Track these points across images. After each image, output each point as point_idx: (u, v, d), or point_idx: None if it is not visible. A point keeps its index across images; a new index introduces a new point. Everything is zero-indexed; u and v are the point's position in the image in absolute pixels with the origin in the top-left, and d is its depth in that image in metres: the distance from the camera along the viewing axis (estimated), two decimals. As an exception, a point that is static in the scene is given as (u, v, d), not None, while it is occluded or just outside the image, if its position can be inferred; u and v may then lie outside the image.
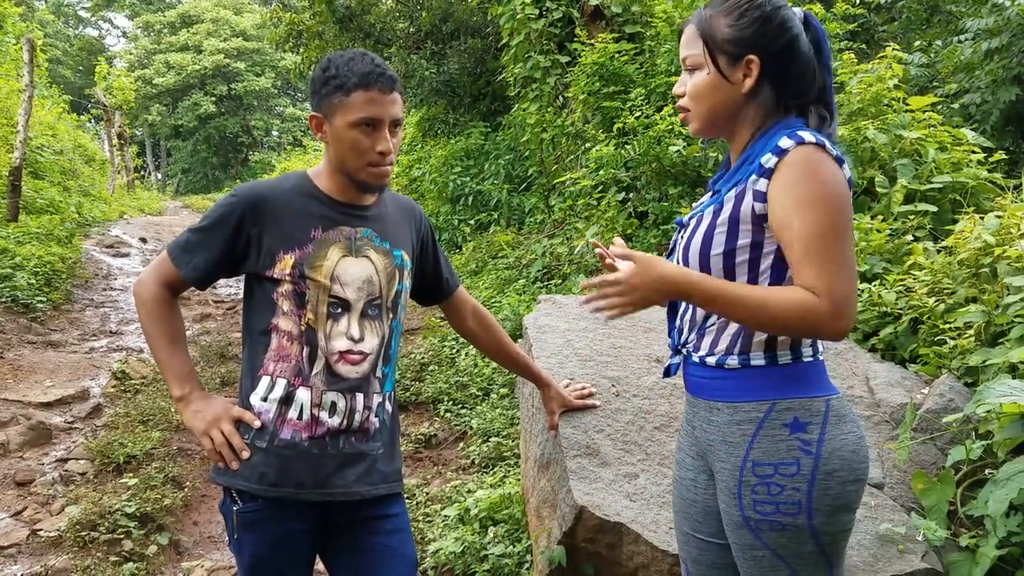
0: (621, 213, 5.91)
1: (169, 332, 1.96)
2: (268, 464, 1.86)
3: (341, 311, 1.90)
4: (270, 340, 1.91)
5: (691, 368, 1.73)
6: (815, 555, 1.58)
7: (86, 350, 6.74)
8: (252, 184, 1.98)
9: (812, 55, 1.63)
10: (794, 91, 1.64)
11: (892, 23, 8.85)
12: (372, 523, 1.97)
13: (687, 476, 1.80)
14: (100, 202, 14.88)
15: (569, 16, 8.15)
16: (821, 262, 1.46)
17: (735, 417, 1.61)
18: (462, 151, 10.64)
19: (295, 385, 1.88)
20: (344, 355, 1.90)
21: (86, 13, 41.18)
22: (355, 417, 1.91)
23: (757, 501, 1.57)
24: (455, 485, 3.97)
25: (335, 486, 1.89)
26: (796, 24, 1.62)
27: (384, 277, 1.96)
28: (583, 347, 2.98)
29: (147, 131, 36.25)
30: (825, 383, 1.61)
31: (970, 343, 2.94)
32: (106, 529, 3.63)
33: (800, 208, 1.49)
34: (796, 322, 1.47)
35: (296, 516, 1.89)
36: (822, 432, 1.55)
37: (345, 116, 1.84)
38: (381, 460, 1.98)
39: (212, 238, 1.91)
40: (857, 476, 1.57)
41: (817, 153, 1.52)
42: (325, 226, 1.92)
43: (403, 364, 5.74)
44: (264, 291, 1.91)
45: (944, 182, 4.11)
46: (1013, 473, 2.15)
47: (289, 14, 13.34)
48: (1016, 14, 6.12)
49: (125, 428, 4.77)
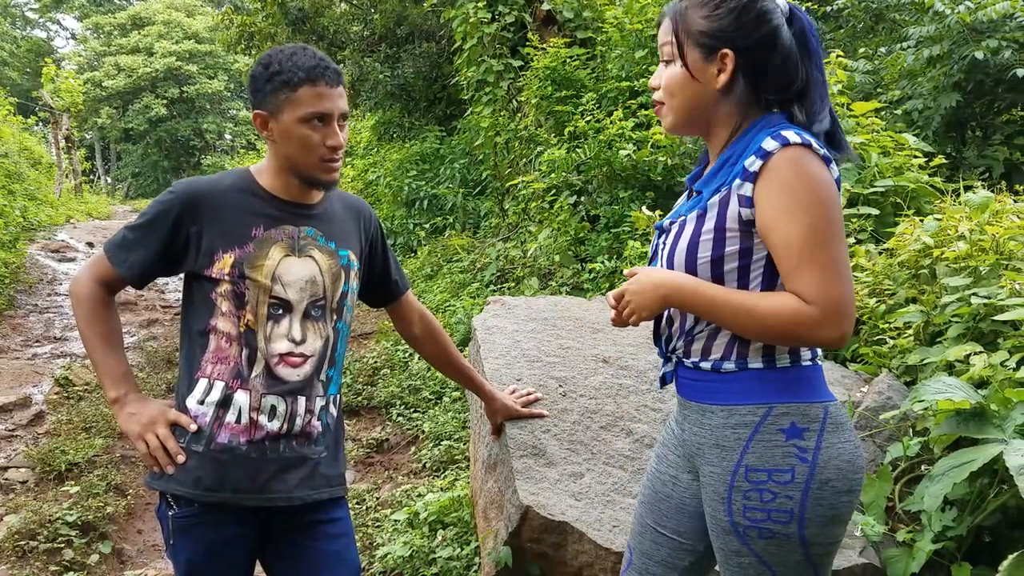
0: (573, 216, 5.94)
1: (105, 332, 1.91)
2: (204, 468, 1.82)
3: (282, 312, 1.87)
4: (208, 341, 1.86)
5: (684, 371, 1.67)
6: (802, 564, 1.53)
7: (29, 356, 6.57)
8: (191, 180, 1.93)
9: (794, 49, 1.55)
10: (773, 86, 1.56)
11: (839, 31, 9.02)
12: (314, 528, 1.94)
13: (667, 472, 1.76)
14: (46, 206, 14.55)
15: (521, 21, 8.18)
16: (811, 267, 1.42)
17: (730, 420, 1.55)
18: (417, 155, 10.61)
19: (233, 388, 1.84)
20: (284, 357, 1.86)
21: (34, 14, 40.25)
22: (296, 421, 1.87)
23: (748, 507, 1.51)
24: (406, 489, 3.95)
25: (275, 491, 1.85)
26: (777, 16, 1.54)
27: (329, 277, 1.93)
28: (531, 348, 2.99)
29: (96, 134, 35.54)
30: (823, 388, 1.56)
31: (909, 342, 3.01)
32: (46, 538, 3.54)
33: (788, 213, 1.44)
34: (786, 330, 1.44)
35: (234, 521, 1.85)
36: (819, 439, 1.50)
37: (293, 112, 1.80)
38: (324, 464, 1.94)
39: (149, 236, 1.87)
40: (851, 487, 1.52)
41: (803, 154, 1.46)
42: (267, 225, 1.88)
43: (355, 368, 5.70)
44: (203, 291, 1.87)
45: (886, 186, 4.20)
46: (948, 468, 2.19)
47: (241, 16, 13.21)
48: (956, 22, 6.27)
49: (67, 435, 4.67)
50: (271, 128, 1.85)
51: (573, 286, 5.54)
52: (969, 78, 6.51)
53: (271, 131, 1.86)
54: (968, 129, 7.04)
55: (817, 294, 1.42)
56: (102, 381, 1.90)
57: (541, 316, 3.31)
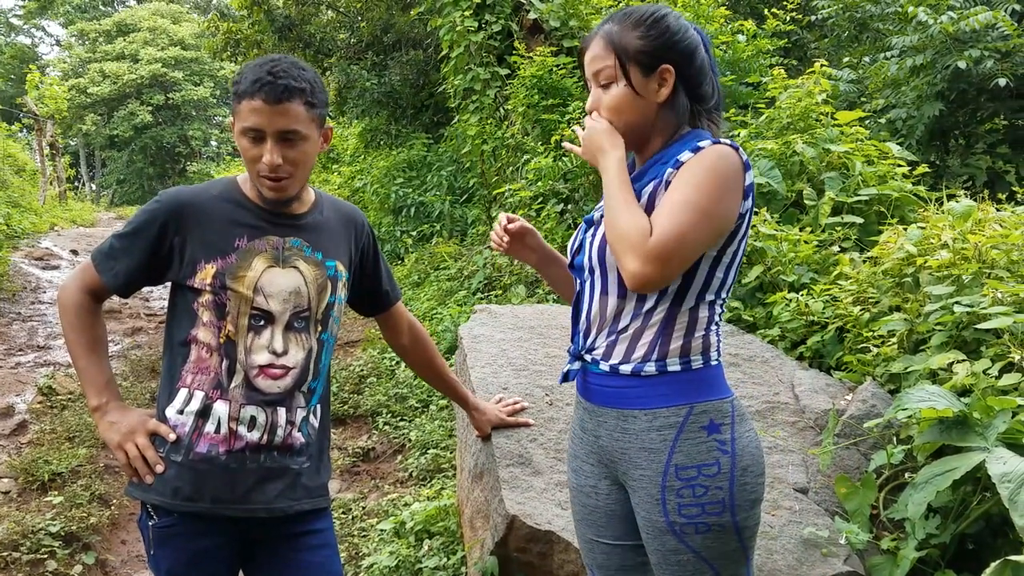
0: (560, 224, 5.95)
1: (89, 340, 1.90)
2: (183, 478, 1.81)
3: (264, 323, 1.85)
4: (189, 352, 1.85)
5: (596, 378, 1.72)
6: (737, 552, 1.63)
7: (12, 365, 6.52)
8: (178, 189, 1.92)
9: (708, 64, 1.71)
10: (702, 96, 1.70)
11: (823, 40, 9.10)
12: (296, 539, 1.92)
13: (587, 483, 1.80)
14: (30, 213, 14.48)
15: (508, 29, 8.19)
16: (669, 216, 1.52)
17: (654, 424, 1.61)
18: (404, 162, 10.60)
19: (213, 398, 1.83)
20: (264, 369, 1.85)
21: (18, 20, 40.06)
22: (277, 432, 1.86)
23: (682, 505, 1.59)
24: (392, 498, 3.94)
25: (255, 501, 1.84)
26: (692, 33, 1.69)
27: (314, 288, 1.91)
28: (517, 356, 2.99)
29: (81, 141, 35.34)
30: (726, 384, 1.68)
31: (893, 350, 3.02)
32: (29, 549, 3.51)
33: (684, 184, 1.56)
34: (624, 241, 1.54)
35: (214, 532, 1.84)
36: (733, 431, 1.61)
37: (237, 123, 1.80)
38: (306, 475, 1.93)
39: (134, 245, 1.86)
40: (762, 470, 1.66)
41: (729, 152, 1.59)
42: (251, 235, 1.86)
43: (341, 376, 5.69)
44: (185, 301, 1.86)
45: (870, 195, 4.23)
46: (931, 476, 2.21)
47: (227, 23, 13.17)
48: (939, 32, 6.33)
49: (51, 445, 4.63)
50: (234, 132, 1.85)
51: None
52: (952, 87, 6.58)
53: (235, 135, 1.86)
54: (951, 138, 7.12)
55: (658, 233, 1.51)
56: (85, 389, 1.90)
57: (528, 324, 3.31)
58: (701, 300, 1.63)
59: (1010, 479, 2.01)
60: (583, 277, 1.76)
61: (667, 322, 1.62)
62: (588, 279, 1.74)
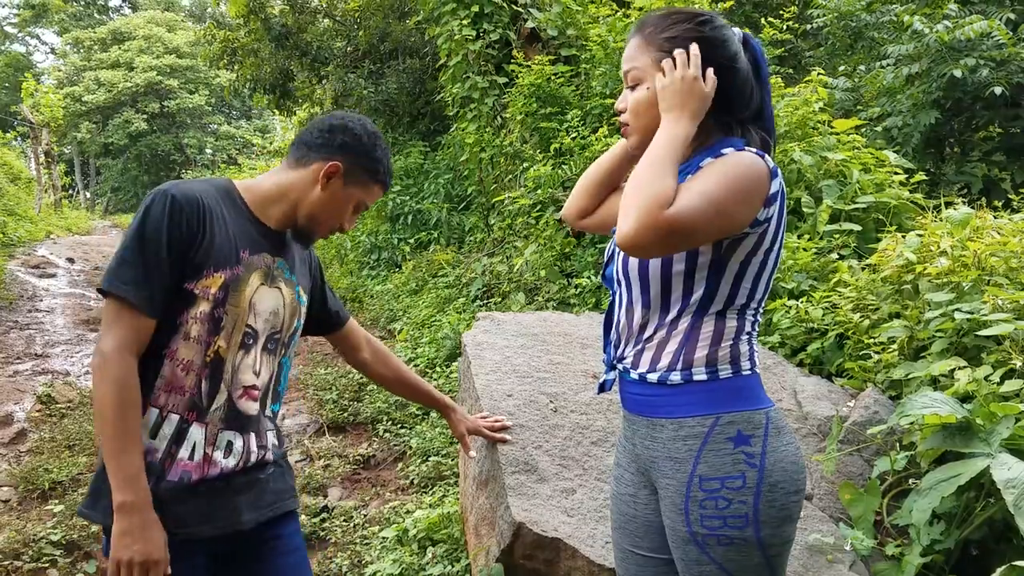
0: (559, 232, 5.97)
1: (134, 428, 1.64)
2: None
3: (252, 342, 1.80)
4: (162, 366, 1.70)
5: (628, 386, 1.70)
6: (761, 567, 1.57)
7: (10, 373, 6.51)
8: (180, 185, 1.74)
9: (751, 74, 1.64)
10: (734, 107, 1.64)
11: (818, 48, 9.14)
12: (266, 545, 1.88)
13: (627, 492, 1.78)
14: (26, 221, 14.48)
15: (506, 38, 8.24)
16: (688, 199, 1.45)
17: (680, 433, 1.59)
18: (401, 170, 10.62)
19: (189, 420, 1.72)
20: (248, 390, 1.80)
21: (13, 29, 40.01)
22: (251, 458, 1.82)
23: (705, 516, 1.55)
24: (394, 506, 3.93)
25: (223, 520, 1.77)
26: (735, 42, 1.63)
27: (289, 311, 1.88)
28: (521, 363, 3.00)
29: (76, 149, 35.30)
30: (763, 396, 1.62)
31: (894, 357, 3.04)
32: (30, 558, 3.51)
33: (702, 175, 1.51)
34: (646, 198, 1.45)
35: (181, 556, 1.71)
36: (764, 444, 1.56)
37: (358, 193, 1.88)
38: (274, 479, 1.90)
39: (159, 255, 1.67)
40: (798, 487, 1.58)
41: (751, 156, 1.53)
42: (252, 249, 1.80)
43: (341, 384, 5.68)
44: (171, 307, 1.69)
45: (868, 202, 4.26)
46: (935, 483, 2.22)
47: (223, 31, 13.20)
48: (935, 40, 6.38)
49: (50, 453, 4.62)
50: (332, 179, 1.83)
51: (559, 301, 5.56)
52: (947, 96, 6.62)
53: (328, 180, 1.82)
54: (947, 146, 7.16)
55: (680, 205, 1.44)
56: (111, 476, 1.63)
57: (531, 332, 3.32)
58: (728, 310, 1.60)
59: (1015, 485, 2.02)
60: (613, 288, 1.75)
61: (691, 331, 1.59)
62: (618, 290, 1.73)
